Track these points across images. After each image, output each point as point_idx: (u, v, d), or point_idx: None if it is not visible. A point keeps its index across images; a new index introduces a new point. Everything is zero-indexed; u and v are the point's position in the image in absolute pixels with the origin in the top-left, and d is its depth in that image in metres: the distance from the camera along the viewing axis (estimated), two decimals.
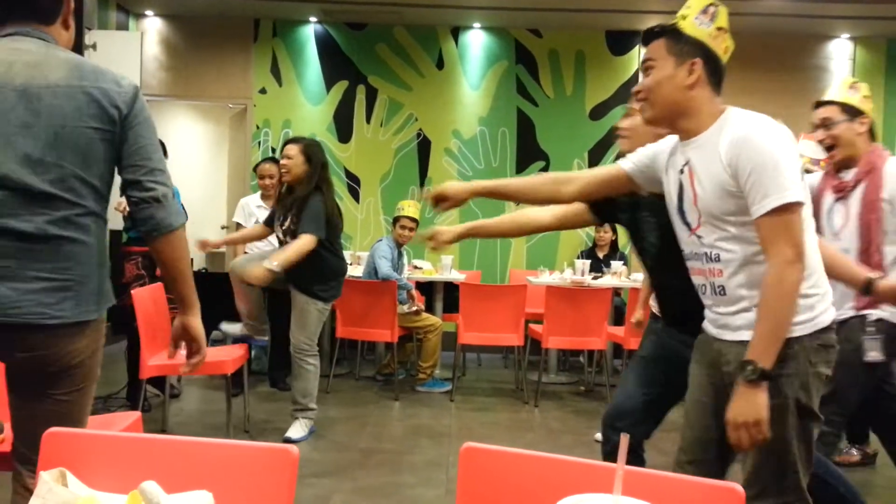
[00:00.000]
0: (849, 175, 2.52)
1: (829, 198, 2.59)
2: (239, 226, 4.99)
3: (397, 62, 6.57)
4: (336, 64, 6.55)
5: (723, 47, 1.71)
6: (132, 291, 3.61)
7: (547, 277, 5.45)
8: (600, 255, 6.02)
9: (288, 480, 1.34)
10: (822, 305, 1.66)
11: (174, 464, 1.37)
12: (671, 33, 1.69)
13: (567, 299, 4.67)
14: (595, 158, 6.56)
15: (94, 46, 4.74)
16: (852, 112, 2.53)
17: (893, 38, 6.48)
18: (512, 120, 6.57)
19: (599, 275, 5.53)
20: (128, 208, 2.05)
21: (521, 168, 6.56)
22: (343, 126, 6.57)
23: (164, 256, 1.76)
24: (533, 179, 2.04)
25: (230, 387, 3.81)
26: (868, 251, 2.41)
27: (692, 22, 1.67)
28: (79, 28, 4.41)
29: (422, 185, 6.58)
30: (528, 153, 6.56)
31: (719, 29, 1.68)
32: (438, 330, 5.02)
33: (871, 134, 2.57)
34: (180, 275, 1.78)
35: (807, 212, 1.63)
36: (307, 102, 6.57)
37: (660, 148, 1.83)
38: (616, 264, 5.56)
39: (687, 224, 1.74)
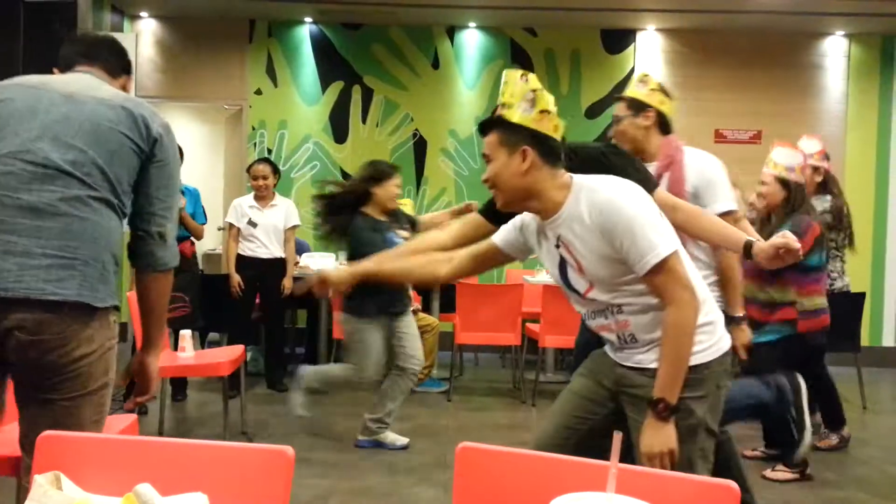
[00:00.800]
0: (650, 170, 2.44)
1: None
2: (231, 226, 4.98)
3: (393, 62, 6.56)
4: (331, 64, 6.55)
5: (551, 126, 1.78)
6: (128, 294, 3.61)
7: (543, 276, 5.45)
8: None
9: (284, 481, 1.34)
10: (719, 330, 1.80)
11: (169, 466, 1.37)
12: (500, 125, 1.76)
13: (564, 298, 4.64)
14: None
15: None
16: (638, 106, 2.53)
17: (888, 35, 6.49)
18: None
19: None
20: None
21: None
22: (339, 126, 6.57)
23: (150, 293, 1.82)
24: (411, 261, 2.08)
25: (227, 388, 3.81)
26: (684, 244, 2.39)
27: (517, 111, 1.75)
28: (73, 29, 4.42)
29: (419, 185, 6.58)
30: None
31: (542, 112, 1.76)
32: (435, 329, 5.02)
33: (664, 126, 2.56)
34: (157, 313, 1.85)
35: (680, 247, 1.71)
36: (303, 103, 6.57)
37: (527, 219, 1.88)
38: None
39: (576, 291, 1.82)
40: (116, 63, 1.94)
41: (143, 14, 6.48)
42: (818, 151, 3.74)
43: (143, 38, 6.48)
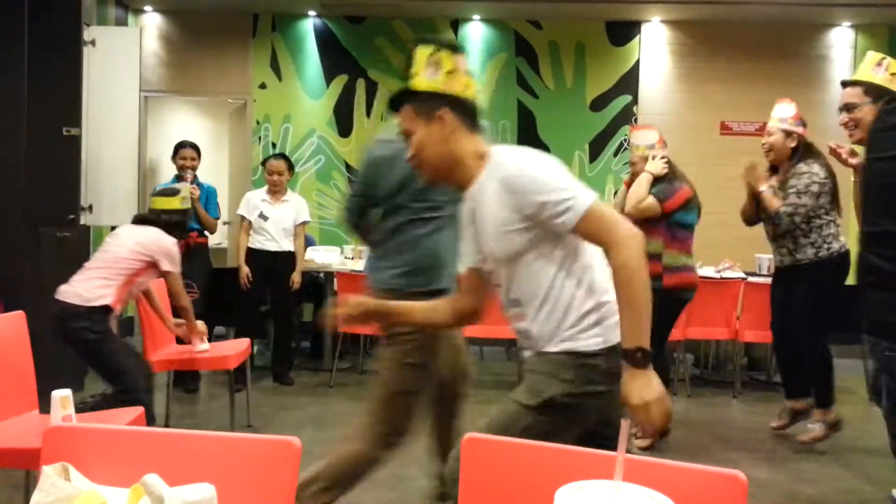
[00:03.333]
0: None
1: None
2: (243, 219, 5.01)
3: (397, 55, 6.55)
4: (336, 58, 6.54)
5: (461, 85, 1.74)
6: None
7: None
8: None
9: (290, 472, 1.35)
10: (607, 324, 1.66)
11: (176, 457, 1.37)
12: (410, 96, 1.72)
13: None
14: (596, 149, 6.54)
15: (93, 43, 4.73)
16: (878, 93, 2.50)
17: (895, 26, 6.45)
18: (513, 112, 6.56)
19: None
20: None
21: None
22: (343, 120, 6.57)
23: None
24: (424, 305, 1.96)
25: (233, 381, 3.82)
26: None
27: (423, 78, 1.71)
28: (77, 24, 4.42)
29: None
30: (529, 145, 6.46)
31: (448, 73, 1.72)
32: None
33: None
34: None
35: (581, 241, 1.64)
36: (307, 97, 6.56)
37: (464, 215, 1.81)
38: None
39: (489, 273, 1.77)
40: None
41: (147, 8, 6.48)
42: (792, 116, 3.76)
43: (148, 32, 6.48)
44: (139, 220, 3.45)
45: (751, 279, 4.87)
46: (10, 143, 4.30)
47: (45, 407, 2.26)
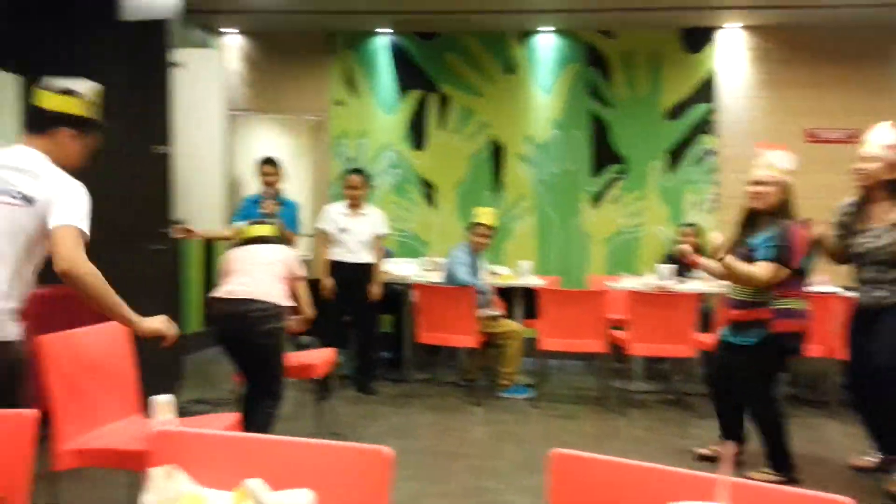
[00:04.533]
0: None
1: None
2: (323, 232, 5.14)
3: (468, 69, 6.59)
4: (409, 73, 6.63)
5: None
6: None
7: (628, 282, 5.33)
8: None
9: (383, 480, 1.35)
10: None
11: (274, 462, 1.40)
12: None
13: (651, 305, 4.55)
14: (674, 159, 6.38)
15: (180, 65, 4.95)
16: None
17: None
18: (586, 123, 6.48)
19: (684, 280, 5.36)
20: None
21: (596, 171, 6.45)
22: (417, 134, 6.64)
23: None
24: None
25: (320, 390, 3.89)
26: None
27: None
28: (166, 47, 4.64)
29: (497, 190, 6.57)
30: (604, 156, 6.45)
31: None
32: (519, 336, 4.98)
33: None
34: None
35: None
36: (382, 112, 6.68)
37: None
38: None
39: None
40: None
41: (230, 30, 6.76)
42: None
43: (231, 53, 6.75)
44: (262, 240, 3.58)
45: (848, 293, 4.61)
46: (105, 161, 4.52)
47: (147, 411, 2.37)
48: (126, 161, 4.45)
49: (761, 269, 3.24)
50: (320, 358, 3.78)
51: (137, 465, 2.23)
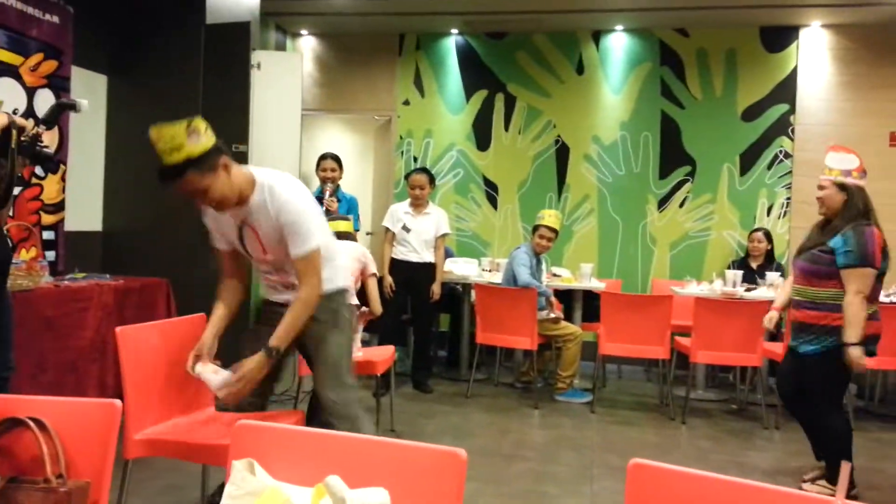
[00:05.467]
0: None
1: None
2: (387, 230, 5.20)
3: (536, 69, 6.56)
4: (476, 73, 6.65)
5: (211, 134, 2.21)
6: None
7: (694, 288, 5.22)
8: (754, 265, 5.68)
9: (457, 482, 1.37)
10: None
11: (349, 459, 1.44)
12: (190, 164, 2.14)
13: (718, 312, 4.44)
14: (748, 162, 6.20)
15: (258, 66, 5.10)
16: None
17: None
18: (656, 124, 6.36)
19: (753, 286, 5.21)
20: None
21: (664, 173, 6.33)
22: (482, 134, 6.66)
23: None
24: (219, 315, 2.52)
25: (379, 387, 3.95)
26: None
27: (192, 145, 2.13)
28: (247, 48, 4.79)
29: (560, 192, 6.53)
30: (673, 158, 6.32)
31: (207, 130, 2.20)
32: (578, 339, 4.94)
33: None
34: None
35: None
36: (448, 112, 6.72)
37: (209, 212, 2.42)
38: (772, 275, 5.22)
39: (251, 253, 2.45)
40: None
41: (304, 32, 6.91)
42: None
43: (304, 54, 6.91)
44: (337, 236, 3.67)
45: None
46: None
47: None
48: None
49: (852, 280, 3.11)
50: (380, 355, 3.83)
51: (207, 458, 2.32)
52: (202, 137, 2.16)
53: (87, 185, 4.73)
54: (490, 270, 5.71)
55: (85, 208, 4.70)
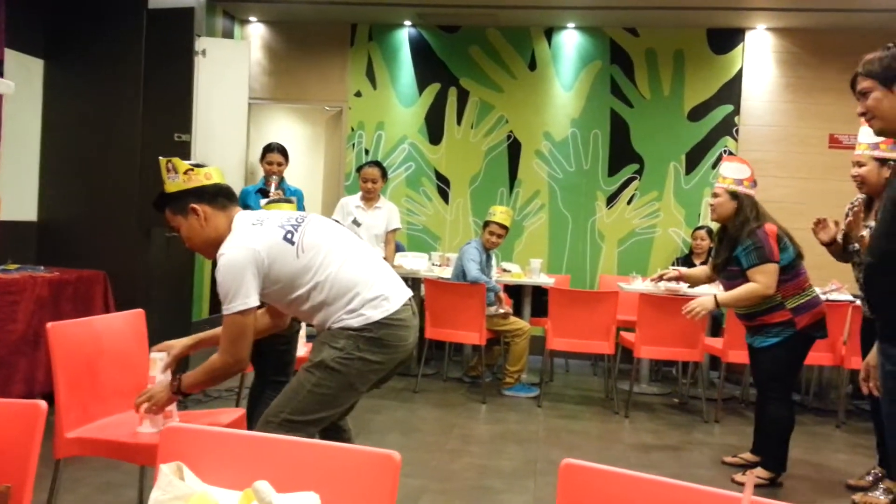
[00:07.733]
0: None
1: None
2: (337, 223, 5.11)
3: (489, 64, 6.57)
4: (429, 67, 6.62)
5: (202, 177, 2.16)
6: None
7: (639, 284, 5.31)
8: (697, 262, 5.81)
9: (390, 485, 1.36)
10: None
11: (280, 462, 1.41)
12: (165, 202, 2.16)
13: (661, 308, 4.53)
14: (693, 161, 6.34)
15: (203, 53, 4.97)
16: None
17: None
18: (605, 121, 6.45)
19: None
20: None
21: (613, 171, 6.43)
22: (434, 128, 6.64)
23: None
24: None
25: None
26: None
27: (168, 182, 2.15)
28: (190, 35, 4.66)
29: (511, 187, 6.56)
30: (622, 156, 6.42)
31: (186, 172, 2.15)
32: (526, 334, 4.99)
33: None
34: None
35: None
36: (400, 105, 6.68)
37: None
38: None
39: None
40: None
41: (252, 19, 6.77)
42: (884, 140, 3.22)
43: (252, 41, 6.77)
44: None
45: (859, 302, 4.58)
46: (126, 148, 4.58)
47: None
48: (146, 148, 4.49)
49: (757, 278, 3.33)
50: None
51: (139, 458, 2.25)
52: (178, 177, 2.16)
53: (22, 174, 4.54)
54: (440, 265, 5.71)
55: (19, 197, 4.52)
